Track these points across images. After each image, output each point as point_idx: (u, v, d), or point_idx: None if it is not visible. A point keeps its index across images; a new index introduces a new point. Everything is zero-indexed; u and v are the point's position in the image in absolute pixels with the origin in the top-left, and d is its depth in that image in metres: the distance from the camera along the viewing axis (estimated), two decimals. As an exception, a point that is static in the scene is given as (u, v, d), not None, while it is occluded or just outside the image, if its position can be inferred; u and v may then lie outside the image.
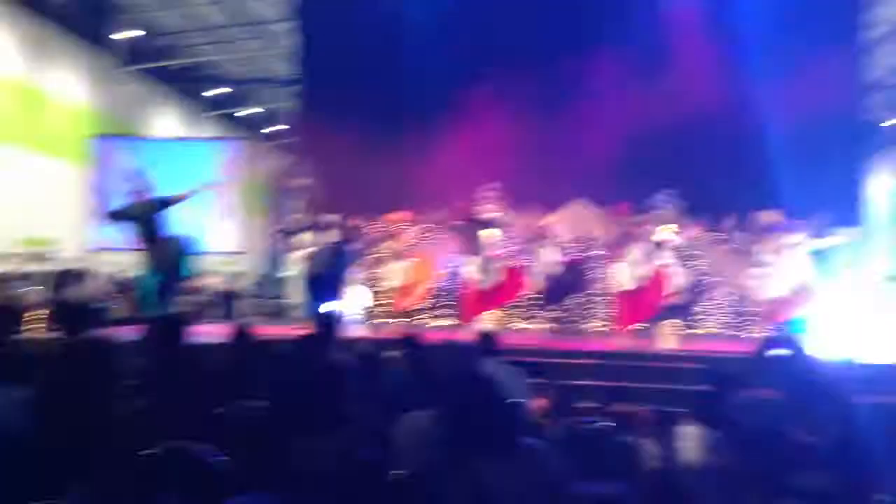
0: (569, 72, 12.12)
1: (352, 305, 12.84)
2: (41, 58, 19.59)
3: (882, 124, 22.84)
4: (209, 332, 8.55)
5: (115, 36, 22.61)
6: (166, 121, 25.69)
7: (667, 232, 10.10)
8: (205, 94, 28.31)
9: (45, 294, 11.52)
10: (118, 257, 16.37)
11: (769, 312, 9.68)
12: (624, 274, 9.79)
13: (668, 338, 9.55)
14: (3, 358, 3.11)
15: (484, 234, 10.57)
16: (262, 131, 32.42)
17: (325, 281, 9.98)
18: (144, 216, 9.14)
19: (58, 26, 20.40)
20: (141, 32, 23.13)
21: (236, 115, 30.51)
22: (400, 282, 11.11)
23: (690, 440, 5.05)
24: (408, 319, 11.57)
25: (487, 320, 10.37)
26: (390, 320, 11.61)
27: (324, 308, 10.00)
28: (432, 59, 12.61)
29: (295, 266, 10.79)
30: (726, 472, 3.60)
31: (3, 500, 2.03)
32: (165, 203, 9.25)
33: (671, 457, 4.72)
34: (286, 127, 31.48)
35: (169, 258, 9.18)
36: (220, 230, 15.74)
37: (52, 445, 2.01)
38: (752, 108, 11.69)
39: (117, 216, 9.55)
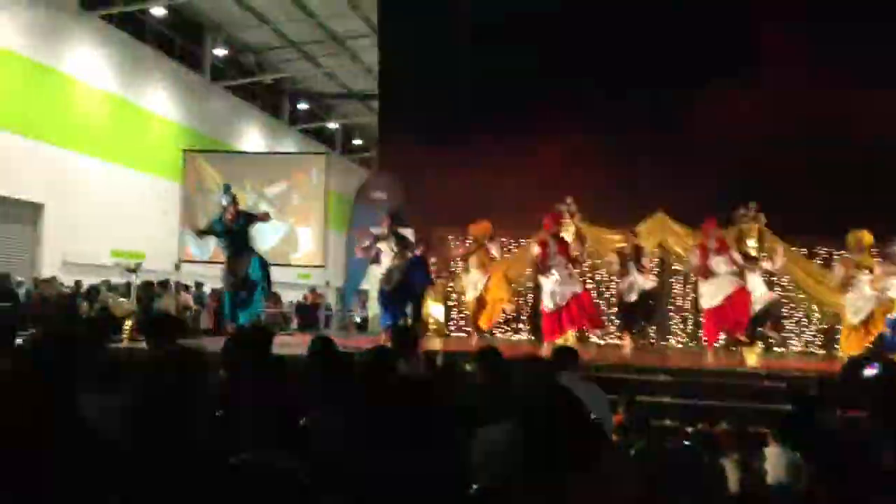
0: (655, 83, 11.95)
1: (429, 318, 12.95)
2: (136, 75, 20.44)
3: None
4: (290, 344, 8.76)
5: (205, 54, 23.43)
6: (252, 135, 26.40)
7: (753, 247, 9.89)
8: (288, 109, 29.01)
9: (134, 305, 11.96)
10: (204, 270, 16.90)
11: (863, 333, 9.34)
12: (710, 290, 9.56)
13: (752, 355, 9.31)
14: (97, 367, 3.24)
15: (563, 248, 10.50)
16: (344, 145, 33.00)
17: (402, 293, 10.08)
18: (231, 231, 9.44)
19: (152, 45, 21.27)
20: (229, 51, 23.91)
21: (318, 129, 31.13)
22: (478, 295, 11.10)
23: (774, 461, 4.93)
24: (485, 333, 11.57)
25: (565, 335, 10.28)
26: (468, 334, 11.62)
27: (402, 321, 10.11)
28: (512, 72, 12.64)
29: (374, 279, 10.92)
30: (811, 496, 3.49)
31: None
32: (251, 219, 9.55)
33: (754, 478, 4.60)
34: (367, 141, 32.00)
35: (253, 272, 9.46)
36: (301, 244, 16.06)
37: (146, 452, 2.10)
38: (850, 122, 11.23)
39: (205, 231, 9.89)
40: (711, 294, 9.58)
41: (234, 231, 9.47)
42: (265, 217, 9.80)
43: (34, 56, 17.01)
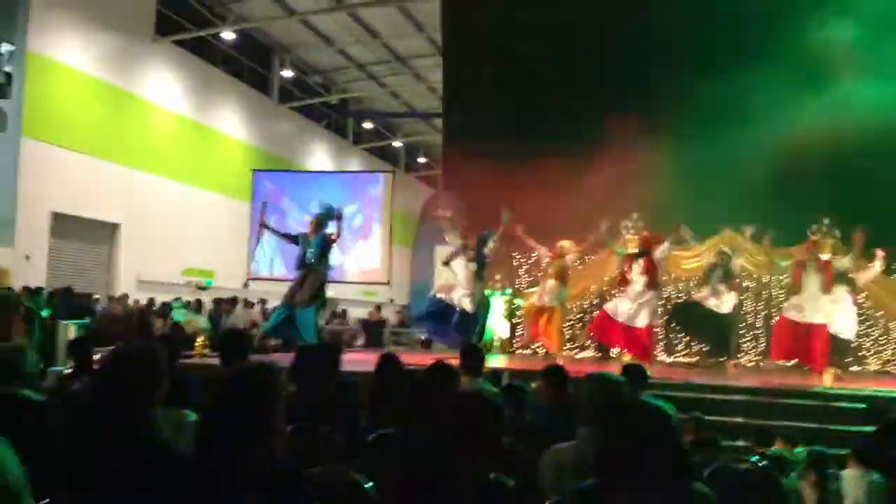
0: (720, 94, 11.76)
1: (496, 334, 12.92)
2: (207, 98, 21.05)
3: None
4: (357, 361, 8.83)
5: (273, 76, 23.99)
6: (318, 155, 26.85)
7: (834, 261, 9.61)
8: (353, 128, 29.45)
9: (204, 322, 12.25)
10: (273, 287, 17.18)
11: None
12: (791, 306, 9.33)
13: (828, 374, 9.02)
14: (171, 383, 3.32)
15: (631, 263, 10.39)
16: (408, 164, 33.31)
17: (469, 310, 10.09)
18: (311, 248, 9.67)
19: (222, 69, 21.88)
20: (296, 72, 24.43)
21: (383, 148, 31.50)
22: (546, 311, 11.01)
23: (853, 483, 4.77)
24: (552, 350, 11.47)
25: (631, 352, 10.15)
26: (534, 350, 11.55)
27: (468, 337, 10.11)
28: (575, 86, 12.61)
29: (440, 294, 10.93)
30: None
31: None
32: (326, 242, 9.76)
33: (829, 501, 4.46)
34: (431, 159, 32.23)
35: (304, 294, 9.65)
36: (367, 261, 16.22)
37: (219, 467, 2.14)
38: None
39: (288, 236, 10.15)
40: (797, 312, 9.33)
41: (312, 252, 9.69)
42: (334, 239, 9.99)
43: (112, 81, 17.66)
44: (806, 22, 11.80)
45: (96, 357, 5.97)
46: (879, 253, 9.56)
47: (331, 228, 9.92)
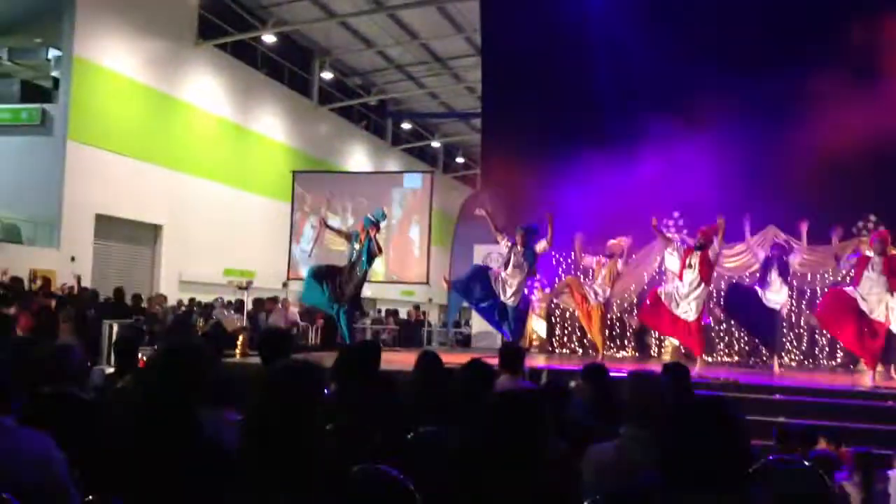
0: (767, 91, 11.59)
1: (533, 334, 12.88)
2: (248, 101, 21.30)
3: None
4: (396, 360, 8.88)
5: (313, 78, 24.19)
6: (357, 156, 27.00)
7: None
8: (392, 129, 29.58)
9: (245, 321, 12.38)
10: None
11: None
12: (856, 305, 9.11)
13: (877, 373, 8.85)
14: (213, 382, 3.36)
15: (672, 262, 10.29)
16: (446, 164, 33.36)
17: (508, 309, 10.07)
18: (360, 246, 9.80)
19: (263, 71, 22.13)
20: (335, 74, 24.62)
21: (421, 148, 31.59)
22: (585, 311, 10.96)
23: (900, 486, 4.68)
24: (593, 350, 11.43)
25: (672, 352, 10.06)
26: (572, 349, 11.50)
27: (508, 336, 10.10)
28: (616, 85, 12.52)
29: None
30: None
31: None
32: (375, 251, 9.89)
33: (875, 501, 4.39)
34: (469, 159, 32.24)
35: (345, 294, 9.77)
36: (406, 261, 16.28)
37: (264, 465, 2.17)
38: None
39: (341, 231, 10.37)
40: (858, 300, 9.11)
41: (356, 251, 9.83)
42: (378, 253, 10.13)
43: (155, 85, 17.96)
44: (851, 15, 11.58)
45: (141, 356, 6.08)
46: None
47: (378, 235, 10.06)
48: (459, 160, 33.61)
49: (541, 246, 10.14)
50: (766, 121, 11.58)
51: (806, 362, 11.90)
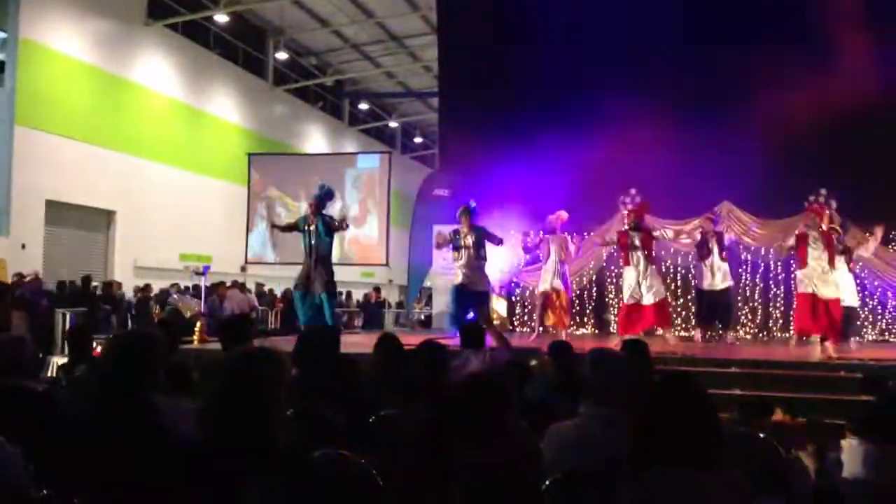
0: (720, 71, 11.71)
1: (494, 314, 12.92)
2: (201, 82, 20.94)
3: None
4: (356, 343, 8.85)
5: (267, 58, 23.86)
6: (314, 137, 26.75)
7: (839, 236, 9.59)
8: (349, 109, 29.34)
9: (201, 307, 12.22)
10: (270, 272, 17.20)
11: None
12: (802, 275, 9.24)
13: (827, 345, 9.05)
14: (169, 370, 3.32)
15: (632, 242, 10.35)
16: (404, 144, 33.22)
17: (468, 290, 10.04)
18: (309, 232, 9.57)
19: (216, 52, 21.76)
20: (290, 54, 24.30)
21: (379, 129, 31.40)
22: (548, 290, 11.01)
23: (851, 453, 4.79)
24: (555, 328, 11.49)
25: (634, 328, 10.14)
26: (532, 328, 11.56)
27: (469, 317, 10.08)
28: (571, 64, 12.54)
29: (438, 277, 10.91)
30: (891, 488, 3.39)
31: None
32: (330, 225, 9.63)
33: (830, 472, 4.48)
34: (427, 139, 32.15)
35: (324, 274, 9.55)
36: (364, 242, 16.22)
37: (223, 453, 2.15)
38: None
39: (289, 227, 10.05)
40: (808, 283, 9.22)
41: (313, 233, 9.55)
42: (343, 226, 9.83)
43: (105, 66, 17.56)
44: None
45: (97, 345, 5.99)
46: (878, 231, 9.52)
47: (332, 210, 9.82)
48: (418, 140, 33.50)
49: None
50: (720, 97, 11.71)
51: (760, 335, 12.15)
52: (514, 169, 11.87)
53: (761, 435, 3.82)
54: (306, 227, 9.64)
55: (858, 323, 11.30)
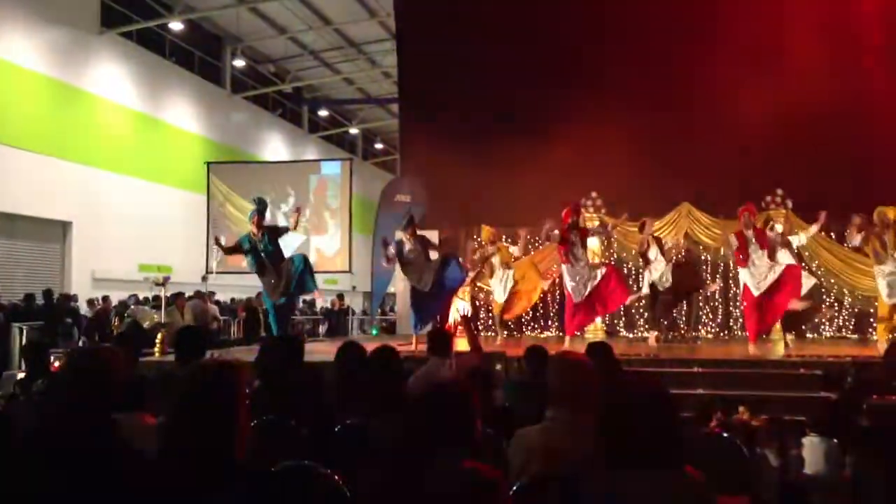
0: (676, 73, 11.87)
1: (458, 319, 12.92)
2: (158, 91, 20.66)
3: None
4: (319, 351, 8.79)
5: (224, 66, 23.63)
6: (274, 145, 26.55)
7: (790, 233, 9.72)
8: (309, 116, 29.16)
9: (162, 318, 12.02)
10: (231, 281, 17.01)
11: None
12: (747, 279, 9.28)
13: (786, 343, 9.17)
14: (127, 385, 3.25)
15: (588, 243, 10.43)
16: (365, 150, 33.12)
17: (431, 295, 10.04)
18: (258, 250, 9.41)
19: (172, 60, 21.49)
20: (248, 62, 24.09)
21: (339, 135, 31.26)
22: (505, 294, 11.07)
23: (813, 450, 4.87)
24: (513, 332, 11.55)
25: (593, 330, 10.21)
26: (496, 333, 11.58)
27: (431, 322, 10.08)
28: (532, 64, 12.62)
29: (401, 282, 10.89)
30: (853, 483, 3.44)
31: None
32: (275, 233, 9.52)
33: (793, 468, 4.55)
34: (388, 145, 32.10)
35: (283, 281, 9.44)
36: (327, 249, 16.13)
37: (179, 470, 2.11)
38: (869, 105, 11.07)
39: (233, 249, 9.85)
40: (753, 283, 9.26)
41: (262, 250, 9.39)
42: (286, 230, 9.71)
43: (57, 76, 17.24)
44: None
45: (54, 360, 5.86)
46: (821, 215, 9.61)
47: (281, 220, 9.72)
48: (379, 146, 33.42)
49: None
50: (677, 101, 11.89)
51: (722, 334, 12.31)
52: (475, 173, 11.91)
53: (725, 434, 3.86)
54: (252, 246, 9.47)
55: (816, 320, 11.53)
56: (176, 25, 20.43)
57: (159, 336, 9.90)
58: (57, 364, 5.42)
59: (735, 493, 3.10)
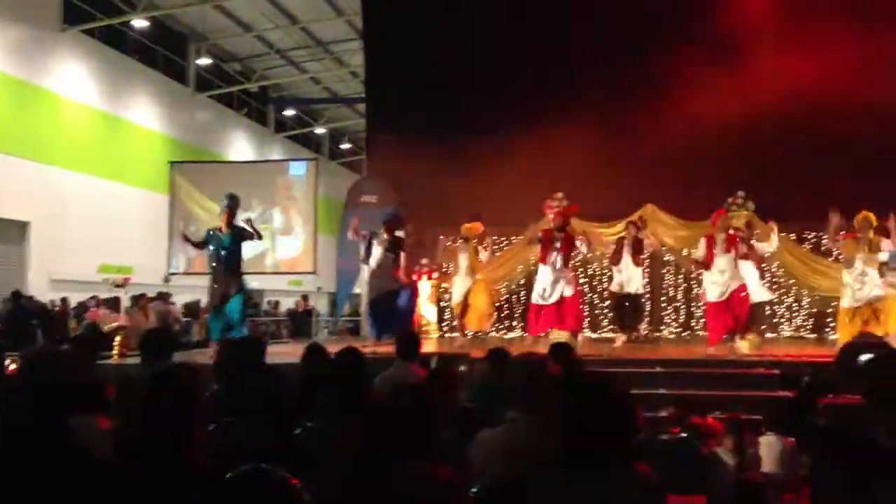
0: (641, 74, 11.99)
1: (422, 319, 12.93)
2: (120, 89, 20.38)
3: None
4: (283, 353, 8.73)
5: (189, 64, 23.38)
6: (239, 144, 26.33)
7: (751, 235, 9.86)
8: (275, 116, 28.97)
9: (123, 320, 11.84)
10: (193, 282, 16.82)
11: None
12: (713, 284, 9.34)
13: (744, 343, 9.29)
14: (85, 388, 3.21)
15: (555, 244, 10.45)
16: (332, 150, 32.97)
17: (394, 297, 10.02)
18: (220, 244, 9.32)
19: (135, 58, 21.21)
20: (213, 60, 23.87)
21: (305, 135, 31.09)
22: (470, 295, 11.09)
23: (769, 449, 4.95)
24: (478, 333, 11.57)
25: (557, 332, 10.22)
26: (460, 334, 11.58)
27: (394, 325, 10.02)
28: (497, 65, 12.67)
29: (366, 283, 10.84)
30: (808, 482, 3.51)
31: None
32: (242, 235, 9.41)
33: (748, 466, 4.62)
34: (355, 145, 31.99)
35: (231, 311, 9.31)
36: (291, 250, 16.03)
37: (141, 472, 2.09)
38: (834, 107, 11.25)
39: (201, 243, 9.75)
40: (715, 288, 9.32)
41: (224, 246, 9.30)
42: (255, 235, 9.61)
43: (17, 73, 16.95)
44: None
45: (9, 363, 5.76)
46: (773, 224, 9.82)
47: (241, 220, 9.58)
48: (345, 146, 33.30)
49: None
50: (641, 102, 11.99)
51: (683, 334, 12.45)
52: (442, 173, 11.92)
53: (682, 434, 3.91)
54: (219, 237, 9.34)
55: (775, 320, 11.71)
56: (140, 23, 20.20)
57: (118, 339, 9.74)
58: (12, 367, 5.33)
59: (691, 493, 3.14)
